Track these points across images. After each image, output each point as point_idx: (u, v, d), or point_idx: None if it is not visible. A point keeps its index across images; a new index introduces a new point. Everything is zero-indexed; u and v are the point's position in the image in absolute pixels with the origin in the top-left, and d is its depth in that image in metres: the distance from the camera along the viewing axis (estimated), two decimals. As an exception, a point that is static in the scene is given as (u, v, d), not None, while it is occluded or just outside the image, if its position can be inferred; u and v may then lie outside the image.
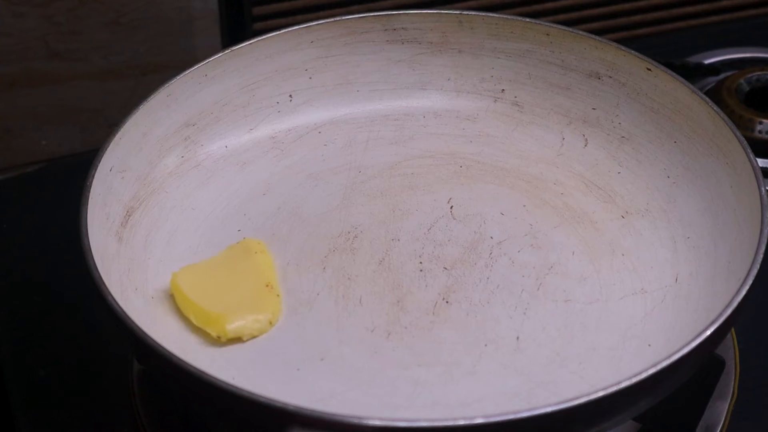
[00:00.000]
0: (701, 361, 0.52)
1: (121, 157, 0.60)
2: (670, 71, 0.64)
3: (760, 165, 0.58)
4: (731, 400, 0.58)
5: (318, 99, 0.69)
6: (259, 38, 0.66)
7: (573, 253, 0.61)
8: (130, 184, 0.61)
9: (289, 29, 0.67)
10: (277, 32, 0.67)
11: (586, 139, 0.67)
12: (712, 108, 0.61)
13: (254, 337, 0.56)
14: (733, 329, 0.59)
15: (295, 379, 0.54)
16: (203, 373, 0.48)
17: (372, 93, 0.70)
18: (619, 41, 0.66)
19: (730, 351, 0.60)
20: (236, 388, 0.47)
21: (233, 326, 0.55)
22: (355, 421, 0.46)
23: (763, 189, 0.56)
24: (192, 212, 0.63)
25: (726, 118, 0.60)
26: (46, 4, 0.84)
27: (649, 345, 0.55)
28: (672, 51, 0.83)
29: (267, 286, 0.58)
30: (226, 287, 0.58)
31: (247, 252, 0.60)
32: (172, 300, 0.58)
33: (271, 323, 0.57)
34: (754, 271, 0.52)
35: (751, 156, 0.57)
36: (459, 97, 0.69)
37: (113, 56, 0.89)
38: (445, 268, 0.60)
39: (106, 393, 0.62)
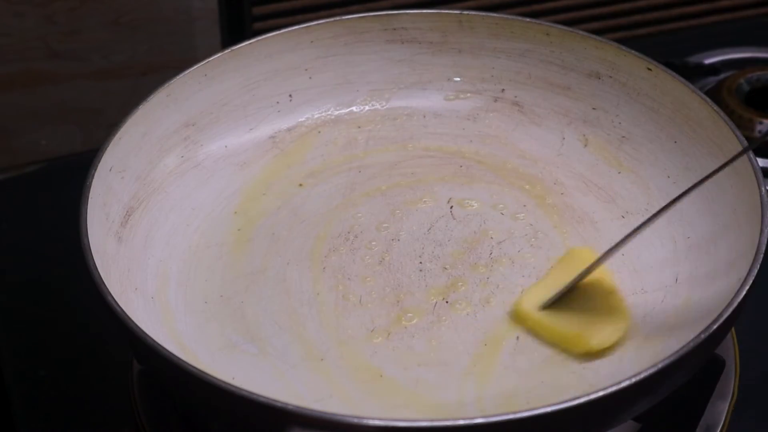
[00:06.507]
0: (701, 361, 0.52)
1: (121, 157, 0.60)
2: (670, 71, 0.64)
3: (760, 165, 0.58)
4: (731, 400, 0.58)
5: (318, 99, 0.69)
6: (259, 38, 0.66)
7: (573, 253, 0.61)
8: (130, 184, 0.61)
9: (289, 29, 0.67)
10: (277, 32, 0.67)
11: (586, 139, 0.67)
12: (712, 108, 0.61)
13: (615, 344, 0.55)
14: (733, 329, 0.59)
15: (295, 379, 0.54)
16: (203, 373, 0.48)
17: (372, 93, 0.70)
18: (619, 41, 0.66)
19: (730, 351, 0.60)
20: (236, 388, 0.47)
21: (597, 341, 0.55)
22: (355, 421, 0.46)
23: (763, 189, 0.56)
24: (192, 212, 0.63)
25: (726, 118, 0.60)
26: (46, 4, 0.84)
27: (650, 345, 0.55)
28: (672, 51, 0.83)
29: (610, 293, 0.57)
30: (575, 302, 0.57)
31: (578, 260, 0.59)
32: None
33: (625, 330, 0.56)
34: (754, 271, 0.52)
35: (751, 156, 0.57)
36: (459, 97, 0.69)
37: (113, 56, 0.89)
38: (445, 268, 0.60)
39: (106, 393, 0.62)
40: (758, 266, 0.52)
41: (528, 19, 0.67)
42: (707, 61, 0.83)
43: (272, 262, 0.60)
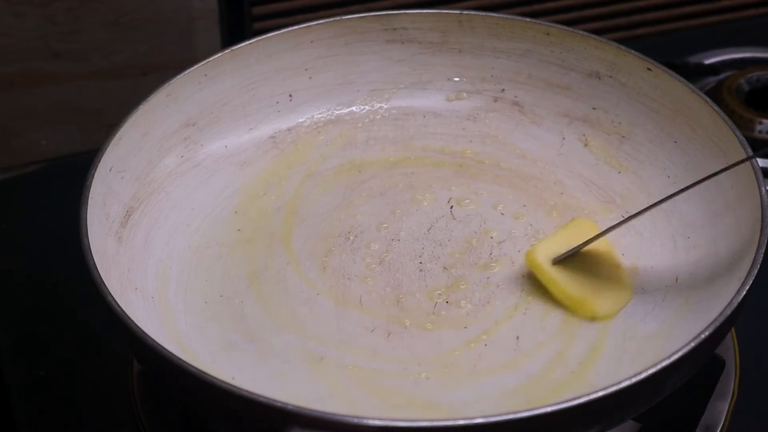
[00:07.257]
0: (701, 361, 0.52)
1: (121, 157, 0.60)
2: (670, 71, 0.64)
3: (760, 165, 0.58)
4: (731, 400, 0.58)
5: (318, 99, 0.69)
6: (259, 38, 0.66)
7: (573, 253, 0.61)
8: (130, 184, 0.61)
9: (289, 29, 0.67)
10: (277, 32, 0.67)
11: (586, 139, 0.67)
12: (712, 108, 0.61)
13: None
14: (733, 329, 0.59)
15: (295, 379, 0.54)
16: (203, 373, 0.48)
17: (372, 93, 0.70)
18: (619, 41, 0.66)
19: (730, 351, 0.60)
20: (236, 388, 0.47)
21: (602, 309, 0.57)
22: (355, 421, 0.46)
23: (763, 189, 0.56)
24: (192, 212, 0.63)
25: (726, 118, 0.60)
26: (46, 4, 0.84)
27: (650, 345, 0.55)
28: (672, 51, 0.83)
29: (616, 266, 0.59)
30: (584, 266, 0.58)
31: (583, 228, 0.61)
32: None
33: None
34: (754, 271, 0.52)
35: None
36: (459, 97, 0.69)
37: (113, 56, 0.89)
38: (445, 268, 0.60)
39: (106, 393, 0.62)
40: (758, 266, 0.52)
41: (528, 19, 0.67)
42: (707, 61, 0.83)
43: (272, 262, 0.61)
